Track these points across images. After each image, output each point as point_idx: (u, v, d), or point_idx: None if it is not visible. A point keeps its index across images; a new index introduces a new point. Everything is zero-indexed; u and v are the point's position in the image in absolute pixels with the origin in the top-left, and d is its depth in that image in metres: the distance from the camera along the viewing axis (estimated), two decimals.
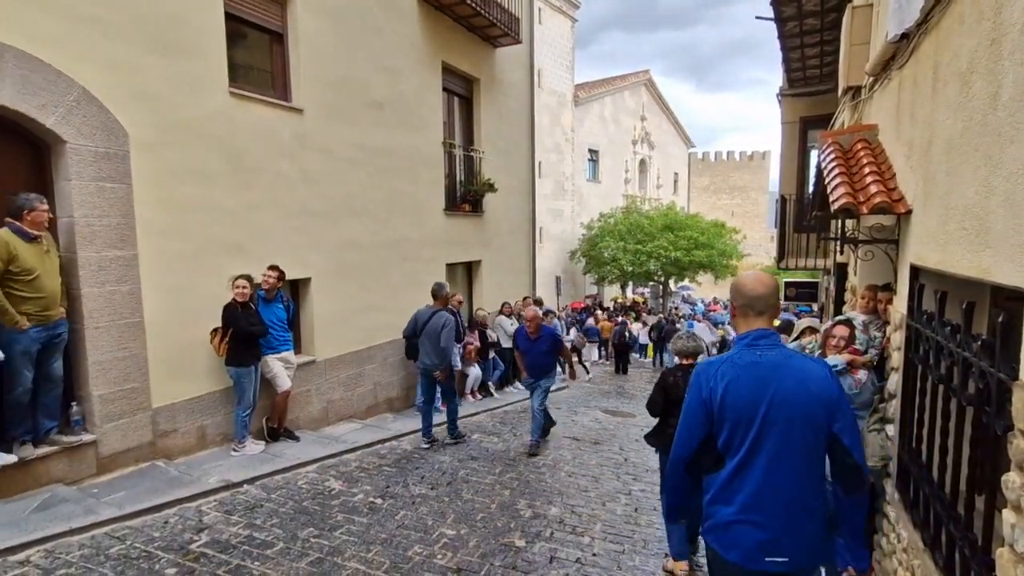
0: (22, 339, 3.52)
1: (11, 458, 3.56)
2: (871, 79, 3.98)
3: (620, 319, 16.41)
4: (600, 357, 15.95)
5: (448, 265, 8.73)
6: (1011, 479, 1.52)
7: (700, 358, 3.72)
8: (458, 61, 8.71)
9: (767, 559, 1.74)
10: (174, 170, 4.61)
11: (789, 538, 1.74)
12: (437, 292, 5.95)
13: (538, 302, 10.75)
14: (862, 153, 3.50)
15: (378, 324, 7.11)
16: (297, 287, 6.12)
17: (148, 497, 3.83)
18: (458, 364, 7.79)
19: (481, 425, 6.97)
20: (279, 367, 5.32)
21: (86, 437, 4.02)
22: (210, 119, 4.88)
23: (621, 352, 13.90)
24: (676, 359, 3.97)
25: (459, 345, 7.80)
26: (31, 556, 3.05)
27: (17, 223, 3.50)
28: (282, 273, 5.33)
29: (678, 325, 15.24)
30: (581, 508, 4.39)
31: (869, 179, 3.14)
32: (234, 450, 4.93)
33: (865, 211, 3.02)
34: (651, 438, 3.86)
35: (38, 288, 3.57)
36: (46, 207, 3.62)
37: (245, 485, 4.28)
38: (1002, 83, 1.71)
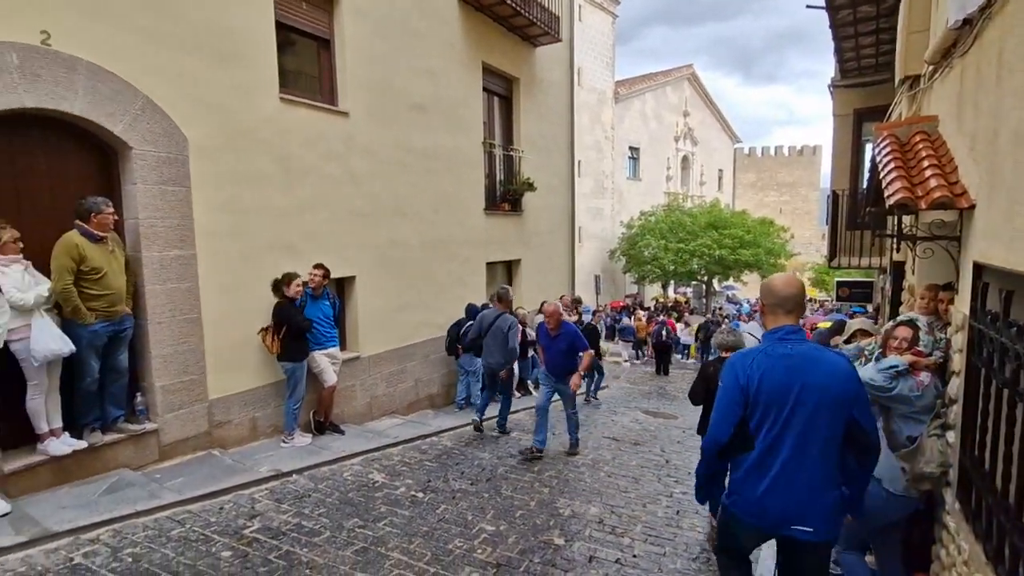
0: (89, 333, 3.79)
1: (82, 444, 3.84)
2: (930, 68, 3.77)
3: (660, 319, 16.10)
4: (637, 357, 15.72)
5: (488, 264, 8.81)
6: None
7: None
8: (498, 61, 8.77)
9: (793, 527, 2.02)
10: (229, 173, 4.84)
11: (812, 510, 2.02)
12: (503, 296, 6.39)
13: (577, 301, 10.70)
14: (920, 145, 3.32)
15: (419, 322, 7.25)
16: (343, 285, 6.31)
17: (205, 484, 4.05)
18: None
19: (520, 423, 7.00)
20: (326, 362, 5.50)
21: (149, 425, 4.28)
22: (262, 124, 5.09)
23: (661, 352, 13.66)
24: (718, 352, 4.26)
25: None
26: (101, 535, 3.27)
27: (85, 225, 3.77)
28: (327, 271, 5.52)
29: (723, 325, 14.84)
30: (621, 509, 4.36)
31: (928, 172, 2.99)
32: (283, 441, 5.14)
33: (924, 206, 2.87)
34: (701, 428, 4.05)
35: (105, 286, 3.83)
36: (111, 210, 3.88)
37: (294, 475, 4.46)
38: None
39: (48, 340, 3.53)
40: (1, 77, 3.41)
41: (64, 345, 3.62)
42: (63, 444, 3.75)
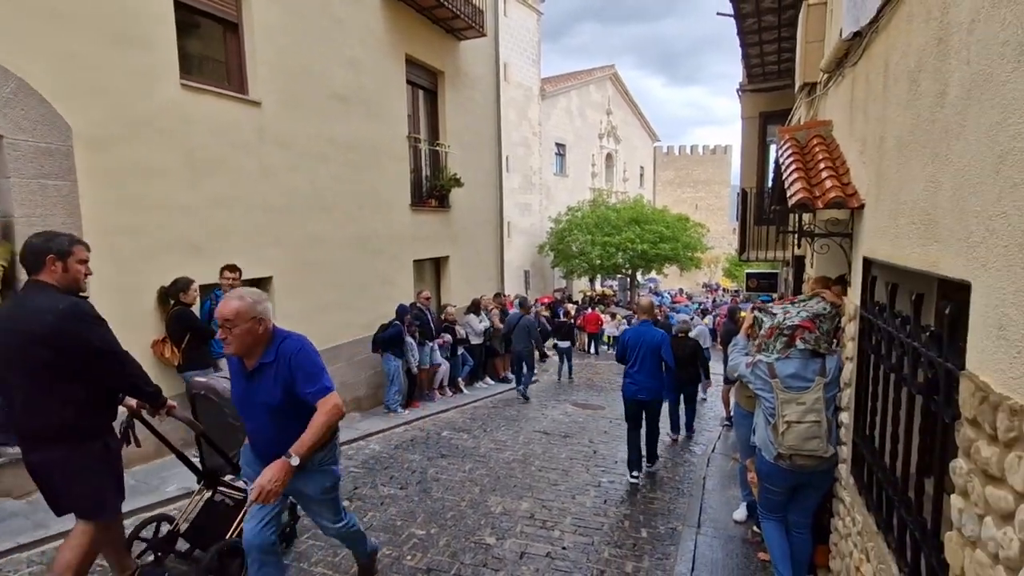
0: None
1: None
2: (826, 76, 4.08)
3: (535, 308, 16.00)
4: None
5: (415, 262, 8.63)
6: (958, 465, 1.58)
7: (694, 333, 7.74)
8: (422, 54, 8.58)
9: (638, 396, 5.09)
10: (124, 166, 4.40)
11: (644, 390, 5.08)
12: (524, 303, 9.92)
13: (496, 296, 10.74)
14: (817, 149, 3.59)
15: (344, 322, 6.97)
16: (259, 286, 5.92)
17: None
18: (438, 359, 8.16)
19: (451, 422, 6.93)
20: None
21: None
22: (161, 112, 4.67)
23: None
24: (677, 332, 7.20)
25: (434, 342, 8.00)
26: None
27: None
28: (240, 272, 5.16)
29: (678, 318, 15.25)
30: (551, 502, 4.42)
31: (824, 174, 3.23)
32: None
33: (820, 206, 3.10)
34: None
35: None
36: None
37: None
38: (948, 81, 1.77)
39: None
40: None
41: None
42: None
